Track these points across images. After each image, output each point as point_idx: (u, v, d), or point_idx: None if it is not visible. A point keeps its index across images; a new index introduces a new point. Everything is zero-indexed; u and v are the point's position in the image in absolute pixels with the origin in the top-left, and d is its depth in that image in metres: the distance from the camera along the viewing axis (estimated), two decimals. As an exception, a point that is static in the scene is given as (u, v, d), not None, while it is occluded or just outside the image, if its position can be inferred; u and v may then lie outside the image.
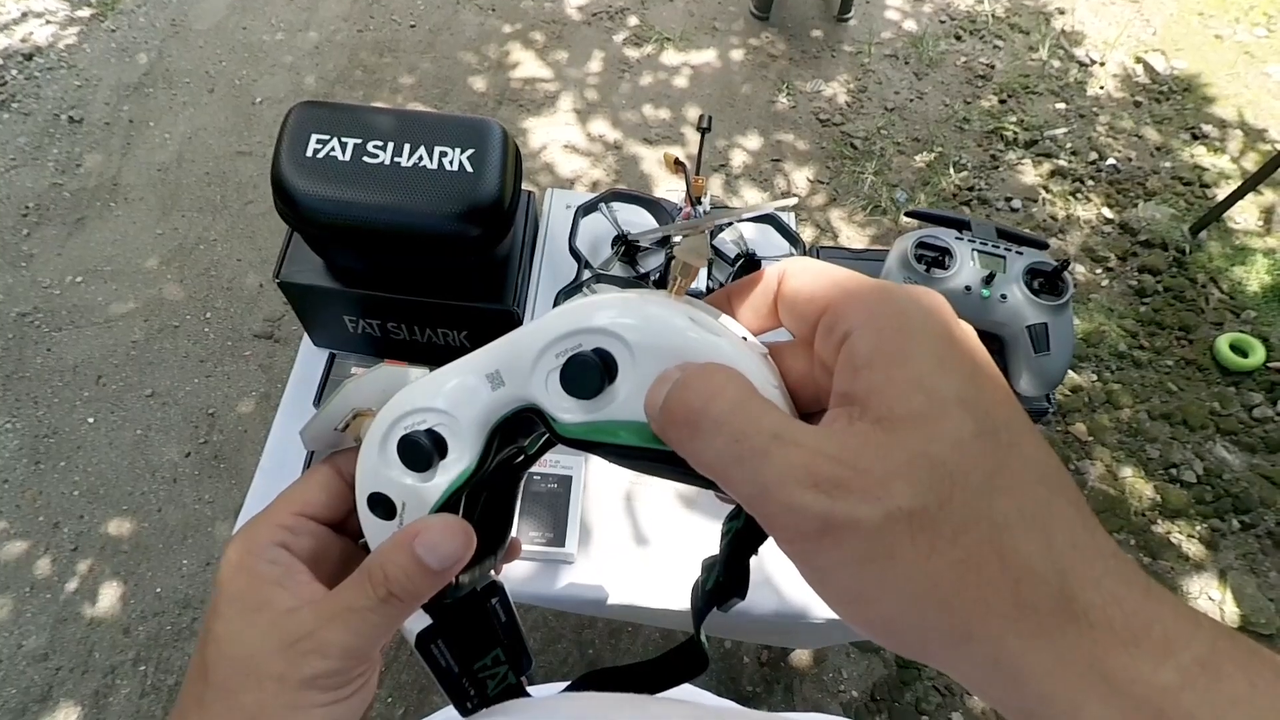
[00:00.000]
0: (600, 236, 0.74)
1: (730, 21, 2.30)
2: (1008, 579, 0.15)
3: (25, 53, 2.07)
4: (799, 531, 0.17)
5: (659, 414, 0.19)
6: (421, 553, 0.22)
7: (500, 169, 0.60)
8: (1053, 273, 0.67)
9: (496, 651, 0.28)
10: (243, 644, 0.22)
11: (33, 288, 1.66)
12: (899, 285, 0.19)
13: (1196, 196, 1.95)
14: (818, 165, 1.98)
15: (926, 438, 0.16)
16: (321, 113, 0.60)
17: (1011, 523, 0.16)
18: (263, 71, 2.09)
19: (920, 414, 0.16)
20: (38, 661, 1.24)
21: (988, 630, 0.16)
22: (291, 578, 0.23)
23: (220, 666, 0.22)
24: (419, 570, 0.22)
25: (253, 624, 0.22)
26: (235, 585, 0.23)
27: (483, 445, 0.23)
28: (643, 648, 1.29)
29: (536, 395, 0.22)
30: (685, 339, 0.20)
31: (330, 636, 0.22)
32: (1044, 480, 0.17)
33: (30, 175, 1.83)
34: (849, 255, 0.76)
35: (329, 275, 0.67)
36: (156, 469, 1.45)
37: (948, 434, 0.16)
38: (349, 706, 0.23)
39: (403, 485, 0.23)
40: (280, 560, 0.24)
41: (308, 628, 0.22)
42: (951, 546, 0.16)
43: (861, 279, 0.20)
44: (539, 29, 2.24)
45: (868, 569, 0.16)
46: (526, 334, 0.22)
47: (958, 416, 0.16)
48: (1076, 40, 2.32)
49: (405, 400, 0.24)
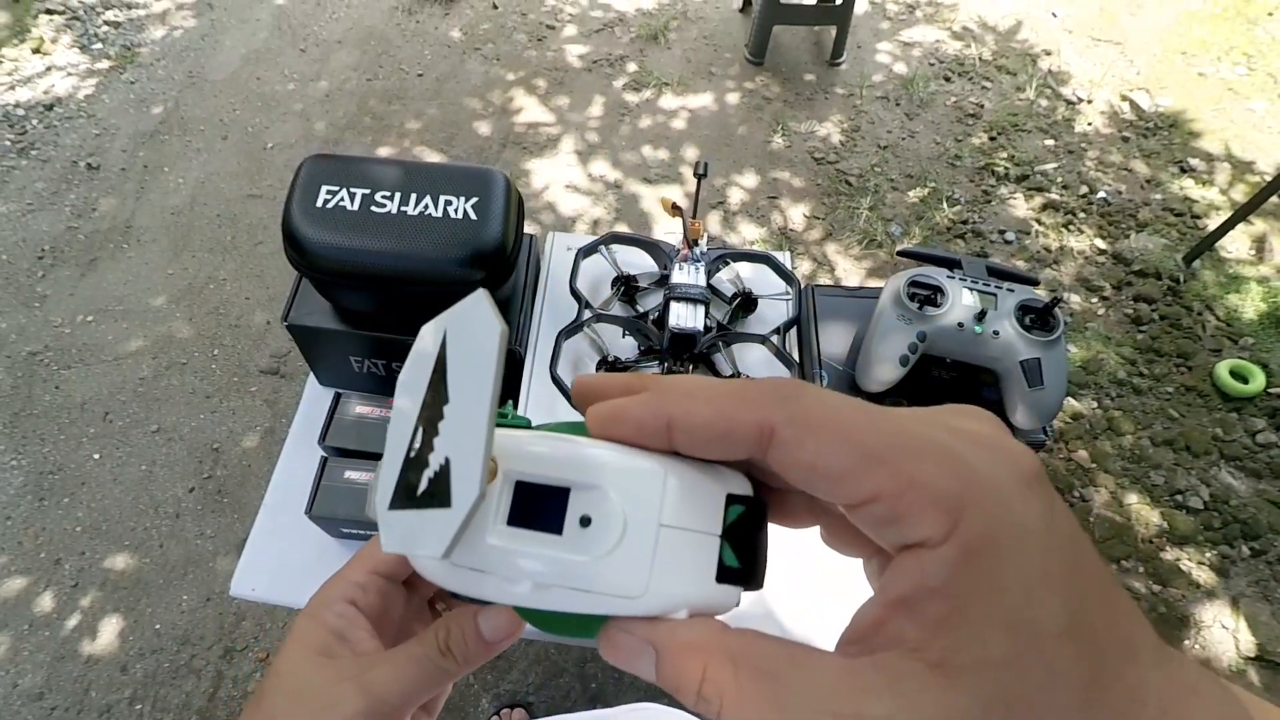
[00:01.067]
0: (600, 277, 0.76)
1: (726, 67, 2.38)
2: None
3: (46, 104, 2.15)
4: None
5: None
6: (482, 623, 0.24)
7: (503, 216, 0.62)
8: (1044, 309, 0.68)
9: None
10: (296, 679, 0.24)
11: (44, 327, 1.69)
12: (992, 468, 0.14)
13: (1188, 227, 1.99)
14: (813, 201, 2.03)
15: (1003, 684, 0.13)
16: (332, 165, 0.63)
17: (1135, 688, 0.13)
18: (274, 119, 2.16)
19: (1002, 660, 0.13)
20: (33, 701, 1.23)
21: None
22: (353, 630, 0.25)
23: (273, 698, 0.24)
24: (476, 638, 0.24)
25: (311, 663, 0.25)
26: (302, 630, 0.26)
27: None
28: (645, 680, 1.27)
29: None
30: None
31: (379, 677, 0.24)
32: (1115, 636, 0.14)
33: (47, 219, 1.89)
34: (844, 293, 0.78)
35: (336, 318, 0.69)
36: (160, 504, 1.45)
37: (1033, 678, 0.13)
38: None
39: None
40: (346, 614, 0.26)
41: (361, 669, 0.24)
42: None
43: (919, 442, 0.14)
44: (541, 76, 2.32)
45: None
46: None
47: (1052, 650, 0.13)
48: (1063, 80, 2.39)
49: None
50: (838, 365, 0.73)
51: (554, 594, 0.18)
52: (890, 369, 0.67)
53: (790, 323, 0.73)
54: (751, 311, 0.75)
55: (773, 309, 0.76)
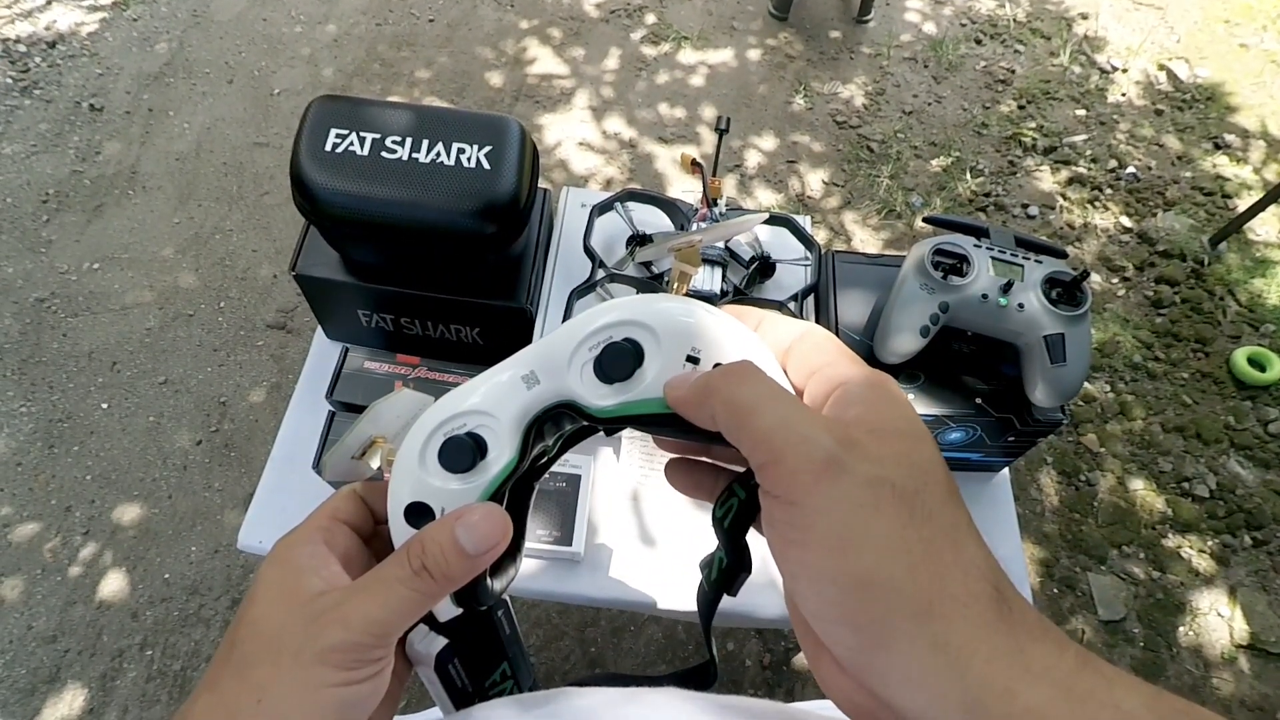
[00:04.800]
0: (614, 236, 0.74)
1: (748, 21, 2.29)
2: (959, 567, 0.19)
3: (48, 40, 2.09)
4: (809, 460, 0.19)
5: (701, 379, 0.22)
6: (460, 533, 0.23)
7: (518, 167, 0.60)
8: (1071, 283, 0.66)
9: (504, 665, 0.29)
10: (270, 622, 0.23)
11: (50, 273, 1.68)
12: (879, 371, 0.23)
13: (1217, 207, 1.92)
14: (833, 167, 1.97)
15: (909, 449, 0.20)
16: (341, 107, 0.61)
17: (963, 528, 0.20)
18: (281, 63, 2.10)
19: (906, 435, 0.21)
20: (47, 643, 1.26)
21: (943, 609, 0.18)
22: (326, 567, 0.24)
23: (245, 644, 0.23)
24: (455, 550, 0.23)
25: (283, 605, 0.23)
26: (272, 573, 0.24)
27: (520, 441, 0.25)
28: (645, 646, 1.30)
29: (572, 388, 0.25)
30: (702, 322, 0.24)
31: (355, 606, 0.22)
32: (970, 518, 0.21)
33: (51, 162, 1.86)
34: (865, 260, 0.76)
35: (344, 270, 0.67)
36: (168, 456, 1.46)
37: (924, 454, 0.20)
38: (359, 692, 0.22)
39: (443, 490, 0.24)
40: (318, 553, 0.24)
41: (334, 602, 0.23)
42: (923, 525, 0.19)
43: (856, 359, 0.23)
44: (557, 25, 2.24)
45: (856, 513, 0.19)
46: (560, 336, 0.25)
47: (929, 449, 0.21)
48: (1098, 46, 2.29)
49: (444, 407, 0.25)
50: (855, 335, 0.71)
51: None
52: (910, 340, 0.65)
53: (809, 289, 0.71)
54: (769, 276, 0.73)
55: (791, 274, 0.74)
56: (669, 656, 1.29)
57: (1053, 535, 1.45)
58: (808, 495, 0.19)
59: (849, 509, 0.19)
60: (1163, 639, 1.33)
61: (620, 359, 0.23)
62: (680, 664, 1.28)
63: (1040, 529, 1.45)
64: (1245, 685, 1.28)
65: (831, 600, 0.19)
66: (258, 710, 0.21)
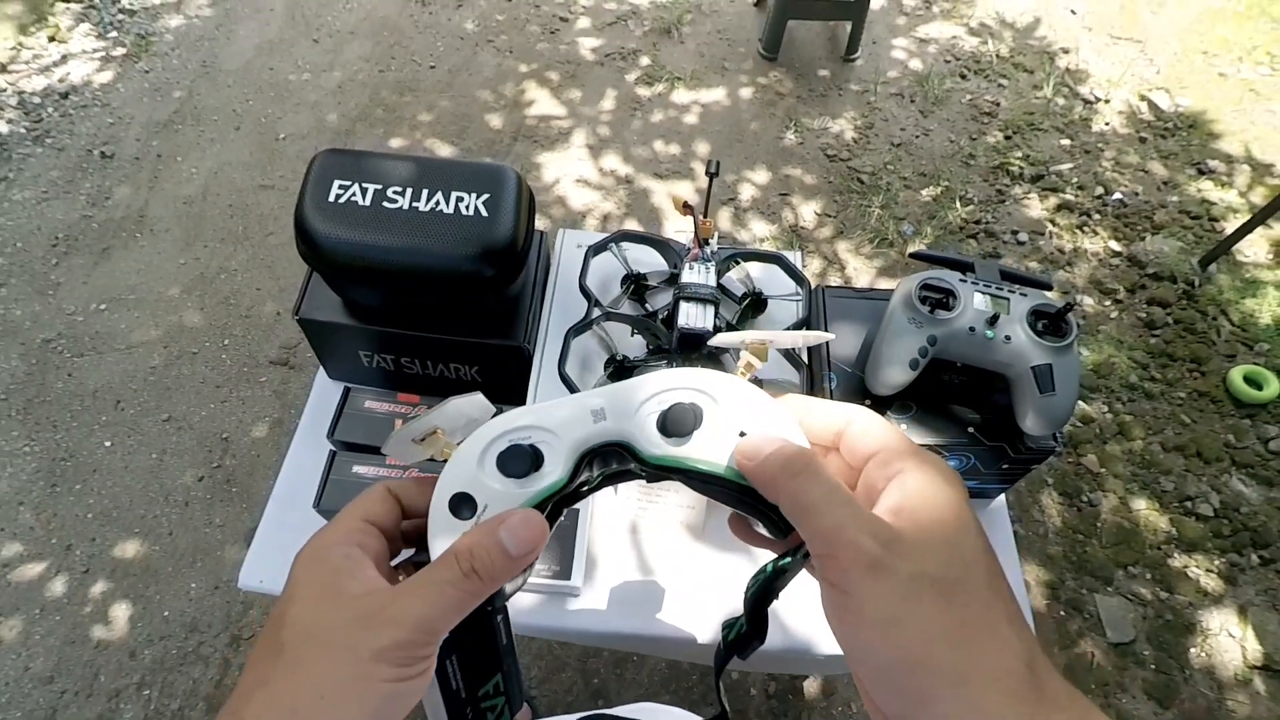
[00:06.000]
0: (610, 275, 0.76)
1: (739, 61, 2.37)
2: (994, 646, 0.22)
3: (61, 91, 2.16)
4: (856, 560, 0.23)
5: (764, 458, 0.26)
6: (504, 534, 0.25)
7: (514, 213, 0.62)
8: (1056, 314, 0.67)
9: (497, 679, 0.29)
10: (317, 621, 0.24)
11: (58, 315, 1.71)
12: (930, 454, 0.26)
13: (1205, 230, 1.96)
14: (825, 199, 2.01)
15: (955, 539, 0.23)
16: (344, 160, 0.63)
17: (998, 610, 0.23)
18: (287, 110, 2.17)
19: (950, 526, 0.24)
20: (43, 684, 1.25)
21: (980, 679, 0.21)
22: (362, 570, 0.25)
23: (293, 644, 0.23)
24: (500, 552, 0.25)
25: (328, 606, 0.24)
26: (309, 574, 0.25)
27: (573, 465, 0.28)
28: (648, 678, 1.28)
29: (633, 431, 0.28)
30: (758, 406, 0.28)
31: (405, 607, 0.24)
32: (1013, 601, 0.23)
33: (61, 207, 1.90)
34: (854, 294, 0.78)
35: (346, 313, 0.69)
36: (170, 493, 1.46)
37: (967, 543, 0.23)
38: (411, 687, 0.24)
39: (493, 489, 0.27)
40: (353, 555, 0.26)
41: (382, 604, 0.24)
42: (962, 609, 0.22)
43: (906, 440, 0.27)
44: (554, 69, 2.31)
45: (899, 604, 0.22)
46: (635, 385, 0.29)
47: (972, 539, 0.24)
48: (1080, 79, 2.36)
49: (516, 416, 0.28)
50: (847, 367, 0.72)
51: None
52: (900, 372, 0.67)
53: (800, 324, 0.72)
54: (761, 312, 0.75)
55: (782, 309, 0.76)
56: (673, 688, 1.27)
57: (1057, 557, 1.44)
58: (857, 587, 0.23)
59: (892, 601, 0.22)
60: (1174, 661, 1.31)
61: (682, 418, 0.27)
62: (684, 694, 1.26)
63: (1044, 551, 1.44)
64: (1262, 707, 1.25)
65: (879, 671, 0.23)
66: (320, 705, 0.22)
